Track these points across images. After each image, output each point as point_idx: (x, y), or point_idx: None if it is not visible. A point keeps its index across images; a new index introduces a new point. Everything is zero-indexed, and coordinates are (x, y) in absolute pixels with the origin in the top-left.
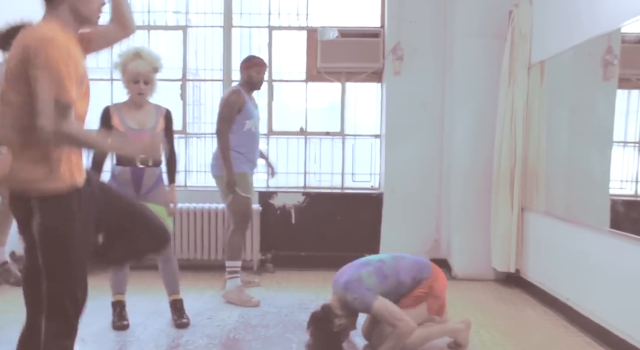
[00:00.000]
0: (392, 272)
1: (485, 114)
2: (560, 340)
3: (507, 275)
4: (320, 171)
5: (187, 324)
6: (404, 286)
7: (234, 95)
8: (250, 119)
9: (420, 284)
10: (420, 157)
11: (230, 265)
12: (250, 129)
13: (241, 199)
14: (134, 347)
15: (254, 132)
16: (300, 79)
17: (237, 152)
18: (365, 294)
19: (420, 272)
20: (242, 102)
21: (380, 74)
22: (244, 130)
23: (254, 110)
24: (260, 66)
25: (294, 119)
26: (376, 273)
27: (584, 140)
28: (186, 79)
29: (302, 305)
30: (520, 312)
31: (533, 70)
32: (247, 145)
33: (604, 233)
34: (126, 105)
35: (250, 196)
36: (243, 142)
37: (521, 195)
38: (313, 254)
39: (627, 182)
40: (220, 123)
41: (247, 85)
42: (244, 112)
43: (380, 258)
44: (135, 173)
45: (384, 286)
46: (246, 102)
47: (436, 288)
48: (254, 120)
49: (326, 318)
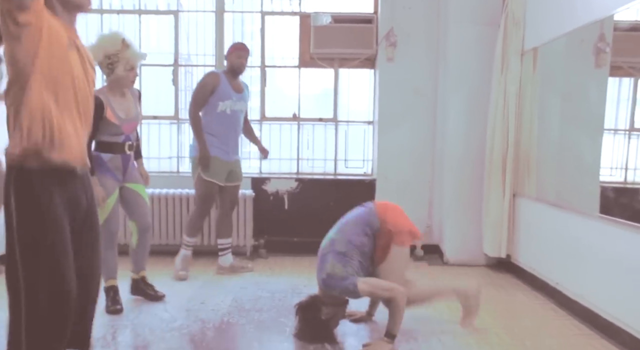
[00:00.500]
0: (345, 245)
1: (478, 100)
2: (550, 323)
3: (498, 260)
4: (313, 157)
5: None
6: (365, 246)
7: (207, 77)
8: (223, 100)
9: (377, 233)
10: (413, 143)
11: (185, 238)
12: (225, 111)
13: (203, 181)
14: (128, 331)
15: (229, 115)
16: (293, 65)
17: (208, 134)
18: (344, 284)
19: (368, 224)
20: (215, 84)
21: (374, 60)
22: (216, 112)
23: (232, 93)
24: (240, 51)
25: (286, 105)
26: (335, 258)
27: (576, 127)
28: (178, 64)
29: (295, 290)
30: (510, 296)
31: (526, 57)
32: (220, 128)
33: (593, 218)
34: (111, 93)
35: (216, 181)
36: (215, 124)
37: (513, 181)
38: (306, 240)
39: (617, 170)
40: (191, 103)
41: (230, 71)
42: (217, 93)
43: (330, 238)
44: (124, 159)
45: (351, 263)
46: (220, 85)
47: (392, 224)
48: (230, 103)
49: (314, 306)
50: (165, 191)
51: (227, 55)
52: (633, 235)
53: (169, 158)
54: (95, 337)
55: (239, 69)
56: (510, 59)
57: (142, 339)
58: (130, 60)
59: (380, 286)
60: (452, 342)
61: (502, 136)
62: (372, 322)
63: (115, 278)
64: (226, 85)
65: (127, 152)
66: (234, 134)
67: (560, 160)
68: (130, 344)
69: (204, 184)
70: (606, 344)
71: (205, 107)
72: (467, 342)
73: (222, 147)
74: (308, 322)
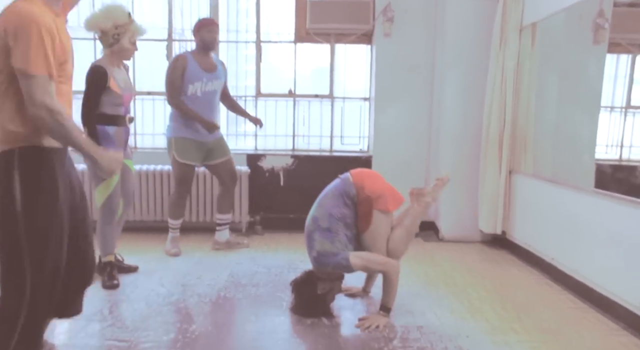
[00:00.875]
0: (327, 220)
1: (475, 76)
2: (544, 297)
3: (493, 237)
4: (309, 134)
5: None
6: (347, 217)
7: (175, 61)
8: (193, 83)
9: (356, 201)
10: (410, 120)
11: (169, 222)
12: (195, 93)
13: (176, 163)
14: (125, 305)
15: (199, 97)
16: (289, 40)
17: (178, 115)
18: (336, 260)
19: (345, 194)
20: (184, 66)
21: (370, 35)
22: (187, 95)
23: (202, 74)
24: (211, 26)
25: (282, 82)
26: (322, 235)
27: (572, 104)
28: (172, 39)
29: (291, 266)
30: (505, 272)
31: (525, 33)
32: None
33: (589, 193)
34: (110, 64)
35: (190, 162)
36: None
37: (509, 158)
38: (301, 216)
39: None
40: (167, 89)
41: (202, 48)
42: (185, 76)
43: (312, 216)
44: (126, 133)
45: (338, 238)
46: (188, 67)
47: (370, 190)
48: (200, 85)
49: (310, 282)
50: (160, 167)
51: (196, 32)
52: (628, 210)
53: (163, 134)
54: (91, 311)
55: (211, 45)
56: (509, 35)
57: (139, 313)
58: (135, 34)
59: (373, 260)
60: (448, 316)
61: (499, 112)
62: (368, 297)
63: (113, 254)
64: (194, 66)
65: (127, 125)
66: (209, 114)
67: (557, 137)
68: (126, 317)
69: (179, 166)
70: (600, 317)
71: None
72: (463, 316)
73: (193, 127)
74: (304, 297)
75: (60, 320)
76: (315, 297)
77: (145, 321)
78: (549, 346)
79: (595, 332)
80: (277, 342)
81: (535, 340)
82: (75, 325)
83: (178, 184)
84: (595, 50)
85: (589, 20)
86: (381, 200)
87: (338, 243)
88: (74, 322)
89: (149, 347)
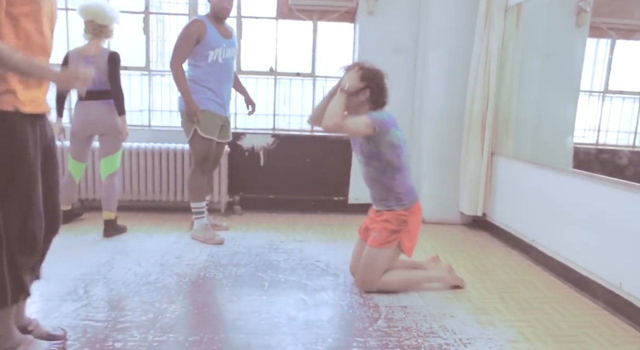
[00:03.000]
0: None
1: (459, 57)
2: (525, 278)
3: (473, 219)
4: (289, 113)
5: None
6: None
7: (191, 25)
8: (214, 49)
9: (399, 204)
10: (393, 100)
11: (193, 206)
12: (217, 60)
13: (200, 139)
14: (101, 285)
15: (221, 64)
16: (271, 16)
17: (202, 87)
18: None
19: (410, 192)
20: (201, 32)
21: (354, 13)
22: (207, 62)
23: (221, 40)
24: None
25: (263, 59)
26: (403, 141)
27: (554, 87)
28: (149, 11)
29: (272, 246)
30: (486, 253)
31: (509, 13)
32: (214, 79)
33: (568, 174)
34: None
35: (213, 138)
36: (208, 76)
37: (492, 140)
38: (281, 197)
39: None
40: (173, 53)
41: (214, 16)
42: (205, 42)
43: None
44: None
45: (392, 149)
46: (207, 32)
47: (410, 223)
48: (220, 51)
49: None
50: (137, 145)
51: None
52: (607, 190)
53: (139, 111)
54: (65, 291)
55: (222, 12)
56: (494, 15)
57: (116, 292)
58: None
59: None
60: (432, 296)
61: (482, 94)
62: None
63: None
64: (214, 31)
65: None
66: (228, 84)
67: (538, 119)
68: (103, 297)
69: (202, 141)
70: (580, 297)
71: (194, 57)
72: (446, 296)
73: (217, 100)
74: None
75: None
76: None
77: (122, 301)
78: (532, 325)
79: (576, 311)
80: (260, 322)
81: (519, 320)
82: (48, 305)
83: (201, 161)
84: (577, 34)
85: (572, 3)
86: (407, 238)
87: (389, 135)
88: (47, 302)
89: (127, 327)
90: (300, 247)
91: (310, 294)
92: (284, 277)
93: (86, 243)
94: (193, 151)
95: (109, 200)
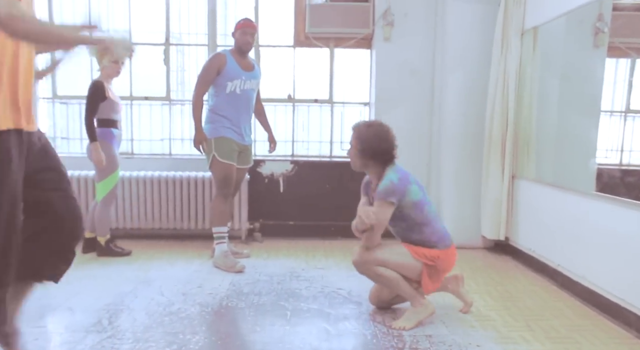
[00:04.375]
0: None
1: (476, 80)
2: (552, 305)
3: (495, 243)
4: (308, 139)
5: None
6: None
7: (212, 58)
8: (232, 80)
9: (430, 245)
10: (410, 124)
11: (215, 231)
12: (234, 90)
13: (219, 164)
14: (125, 315)
15: (239, 95)
16: (288, 45)
17: (219, 115)
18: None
19: (443, 239)
20: (221, 64)
21: (370, 39)
22: (226, 93)
23: (241, 72)
24: (245, 27)
25: (281, 86)
26: (422, 191)
27: (574, 108)
28: (169, 43)
29: (293, 274)
30: (510, 278)
31: (526, 36)
32: (231, 109)
33: (591, 197)
34: (106, 79)
35: (232, 163)
36: (225, 105)
37: (512, 163)
38: (301, 223)
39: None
40: (195, 84)
41: (237, 49)
42: (224, 73)
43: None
44: (121, 136)
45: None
46: (227, 64)
47: (440, 262)
48: (239, 82)
49: None
50: (158, 174)
51: (233, 32)
52: (633, 213)
53: (160, 140)
54: (90, 322)
55: (244, 46)
56: (511, 39)
57: (140, 323)
58: (116, 57)
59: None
60: (457, 324)
61: (501, 117)
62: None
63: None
64: (233, 64)
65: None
66: (246, 114)
67: (558, 141)
68: (127, 328)
69: (221, 166)
70: (611, 325)
71: (214, 88)
72: (472, 325)
73: (234, 128)
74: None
75: (57, 330)
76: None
77: (147, 332)
78: None
79: (607, 340)
80: None
81: (548, 349)
82: (74, 337)
83: (222, 185)
84: (596, 54)
85: (589, 24)
86: (433, 274)
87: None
88: (72, 333)
89: None
90: (322, 275)
91: (333, 323)
92: (306, 306)
93: (109, 272)
94: (214, 176)
95: (93, 223)
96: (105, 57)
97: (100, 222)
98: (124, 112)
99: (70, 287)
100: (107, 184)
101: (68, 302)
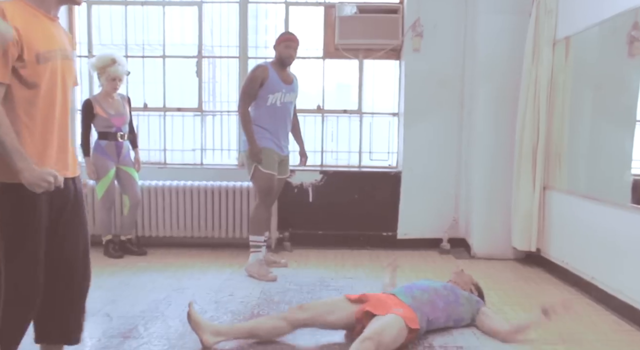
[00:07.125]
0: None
1: (506, 90)
2: (586, 318)
3: (526, 254)
4: (337, 150)
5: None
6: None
7: (256, 70)
8: (273, 93)
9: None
10: (440, 135)
11: (252, 239)
12: (275, 103)
13: (261, 174)
14: (159, 322)
15: (279, 107)
16: (318, 56)
17: (259, 127)
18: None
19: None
20: (264, 77)
21: (399, 51)
22: (267, 105)
23: (281, 85)
24: (288, 41)
25: (311, 97)
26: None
27: (608, 118)
28: (202, 55)
29: (323, 283)
30: (543, 290)
31: (558, 46)
32: (271, 120)
33: (627, 209)
34: (102, 97)
35: (274, 173)
36: (266, 117)
37: (544, 174)
38: (330, 233)
39: None
40: (240, 97)
41: (278, 62)
42: (266, 86)
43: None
44: (117, 146)
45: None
46: (269, 77)
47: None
48: (280, 95)
49: None
50: (190, 183)
51: (275, 45)
52: None
53: (192, 150)
54: (127, 328)
55: (287, 60)
56: (542, 49)
57: (174, 330)
58: (111, 75)
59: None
60: (488, 336)
61: (532, 127)
62: None
63: (111, 233)
64: (275, 77)
65: (119, 140)
66: (284, 127)
67: (592, 152)
68: (162, 335)
69: (263, 176)
70: None
71: (255, 100)
72: None
73: (273, 139)
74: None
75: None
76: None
77: (181, 339)
78: None
79: None
80: None
81: None
82: (112, 343)
83: (264, 195)
84: (631, 63)
85: (623, 33)
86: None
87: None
88: (110, 339)
89: None
90: (351, 284)
91: None
92: None
93: (143, 280)
94: (256, 186)
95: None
96: (102, 75)
97: (100, 222)
98: (158, 122)
99: (106, 294)
100: (101, 185)
101: (105, 308)
